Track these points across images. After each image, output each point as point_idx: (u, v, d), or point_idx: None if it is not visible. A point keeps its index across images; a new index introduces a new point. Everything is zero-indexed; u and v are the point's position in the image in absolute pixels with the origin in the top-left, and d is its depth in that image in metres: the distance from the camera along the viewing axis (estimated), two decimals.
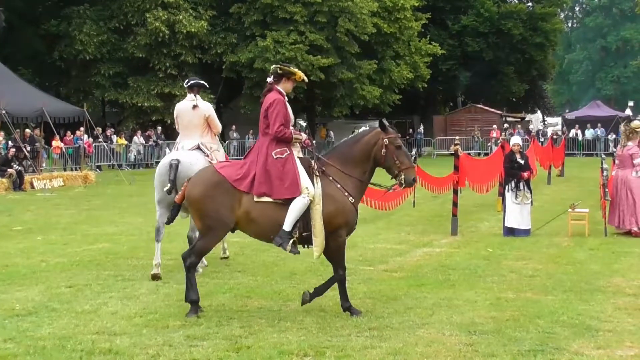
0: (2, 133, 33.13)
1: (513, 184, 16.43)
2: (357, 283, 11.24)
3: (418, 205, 21.32)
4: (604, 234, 16.24)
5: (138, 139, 44.34)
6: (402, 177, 9.35)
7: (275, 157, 9.13)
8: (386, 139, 9.34)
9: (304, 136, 9.57)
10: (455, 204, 16.81)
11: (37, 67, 51.26)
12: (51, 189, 29.40)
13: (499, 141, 35.29)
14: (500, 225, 16.91)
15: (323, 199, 9.12)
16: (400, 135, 9.70)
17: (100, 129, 41.69)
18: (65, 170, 35.26)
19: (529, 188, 16.59)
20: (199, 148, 12.26)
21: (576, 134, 54.96)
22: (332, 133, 55.87)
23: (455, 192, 17.07)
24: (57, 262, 13.14)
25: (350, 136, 10.04)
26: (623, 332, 8.63)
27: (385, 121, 9.58)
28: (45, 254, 14.05)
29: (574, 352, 7.87)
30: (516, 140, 17.51)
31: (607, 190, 16.81)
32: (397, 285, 11.07)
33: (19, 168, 30.08)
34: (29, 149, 33.40)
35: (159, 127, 46.77)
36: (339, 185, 9.21)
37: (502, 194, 17.46)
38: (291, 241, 9.10)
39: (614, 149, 31.92)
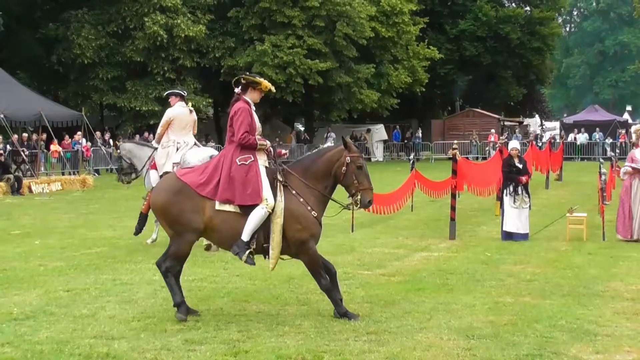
0: (0, 137, 33.10)
1: (511, 188, 16.45)
2: (355, 287, 11.25)
3: (416, 209, 21.32)
4: (602, 239, 16.25)
5: None
6: (359, 197, 9.38)
7: (239, 163, 9.20)
8: (348, 158, 9.36)
9: (268, 143, 9.60)
10: (453, 208, 16.82)
11: (35, 71, 51.20)
12: (49, 193, 29.35)
13: (497, 145, 35.31)
14: (498, 229, 16.92)
15: (287, 216, 9.16)
16: (362, 155, 9.70)
17: (99, 133, 41.69)
18: (63, 174, 35.22)
19: (527, 192, 16.61)
20: (195, 144, 14.77)
21: (575, 138, 54.98)
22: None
23: (454, 196, 17.08)
24: (55, 266, 13.13)
25: (314, 150, 10.05)
26: (621, 336, 8.64)
27: (348, 139, 9.63)
28: (43, 258, 14.03)
29: (572, 356, 7.88)
30: (514, 144, 17.54)
31: (605, 194, 16.82)
32: (395, 290, 11.08)
33: (18, 174, 30.09)
34: (27, 153, 33.39)
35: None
36: (302, 200, 9.25)
37: (500, 198, 17.46)
38: (248, 252, 9.16)
39: (612, 154, 31.98)
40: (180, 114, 15.02)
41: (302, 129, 61.94)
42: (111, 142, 43.67)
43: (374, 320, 9.21)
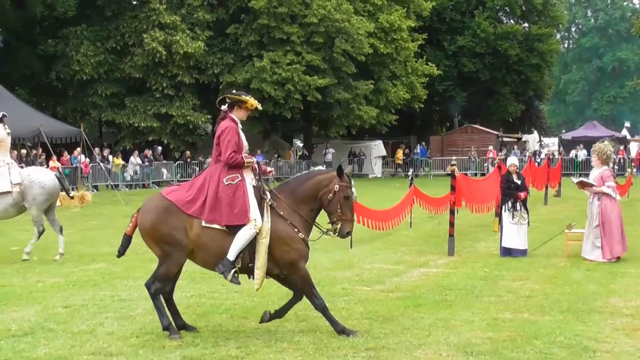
0: None
1: (510, 204, 16.44)
2: (354, 303, 11.24)
3: (415, 225, 21.30)
4: None
5: (135, 159, 44.32)
6: (338, 226, 9.34)
7: (226, 183, 9.14)
8: (337, 186, 9.32)
9: (254, 160, 9.58)
10: (452, 224, 16.79)
11: (34, 87, 51.31)
12: None
13: (495, 161, 35.35)
14: (497, 245, 16.90)
15: (274, 237, 9.12)
16: (352, 186, 9.62)
17: (98, 149, 41.71)
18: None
19: (526, 208, 16.60)
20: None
21: (576, 155, 54.92)
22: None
23: (452, 212, 17.05)
24: (53, 283, 13.13)
25: (304, 172, 10.04)
26: (620, 353, 8.63)
27: (345, 169, 9.57)
28: (41, 274, 14.03)
29: None
30: (512, 160, 17.54)
31: None
32: (394, 306, 11.06)
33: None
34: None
35: (159, 148, 46.76)
36: (288, 222, 9.22)
37: (499, 215, 17.46)
38: (232, 271, 9.10)
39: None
40: (5, 136, 16.72)
41: (301, 145, 61.99)
42: (110, 158, 43.69)
43: (372, 337, 9.20)
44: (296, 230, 9.21)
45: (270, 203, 9.25)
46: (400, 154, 57.55)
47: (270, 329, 9.62)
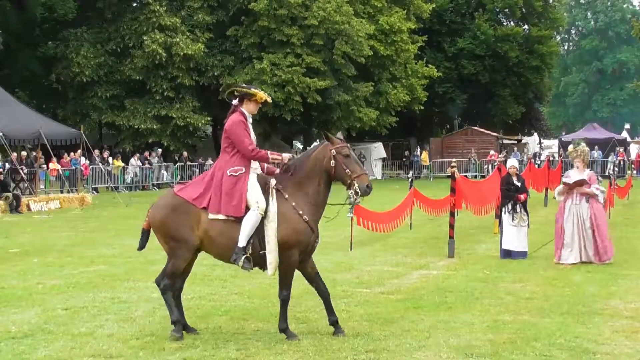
0: None
1: (510, 206, 16.43)
2: (354, 305, 11.23)
3: (415, 227, 21.29)
4: None
5: (135, 161, 44.31)
6: (356, 185, 9.19)
7: (229, 174, 9.16)
8: (333, 150, 9.28)
9: (285, 156, 9.50)
10: (452, 226, 16.78)
11: (34, 89, 51.34)
12: (48, 211, 29.34)
13: (495, 163, 35.34)
14: (497, 247, 16.89)
15: (278, 219, 9.09)
16: (348, 144, 9.54)
17: (98, 151, 41.70)
18: (62, 192, 35.21)
19: (526, 210, 16.60)
20: None
21: None
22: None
23: (452, 214, 17.04)
24: (53, 285, 13.12)
25: (302, 152, 10.00)
26: (620, 355, 8.62)
27: (328, 133, 9.55)
28: (41, 276, 14.02)
29: None
30: (512, 162, 17.54)
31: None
32: (394, 308, 11.06)
33: (17, 192, 30.07)
34: (25, 171, 33.39)
35: (159, 150, 46.76)
36: (293, 204, 9.17)
37: (498, 216, 17.45)
38: (244, 257, 9.09)
39: (611, 172, 31.78)
40: None
41: (301, 147, 62.00)
42: (110, 160, 43.70)
43: (372, 339, 9.19)
44: (300, 212, 9.17)
45: (275, 187, 9.23)
46: (425, 155, 57.43)
47: (270, 331, 9.61)
